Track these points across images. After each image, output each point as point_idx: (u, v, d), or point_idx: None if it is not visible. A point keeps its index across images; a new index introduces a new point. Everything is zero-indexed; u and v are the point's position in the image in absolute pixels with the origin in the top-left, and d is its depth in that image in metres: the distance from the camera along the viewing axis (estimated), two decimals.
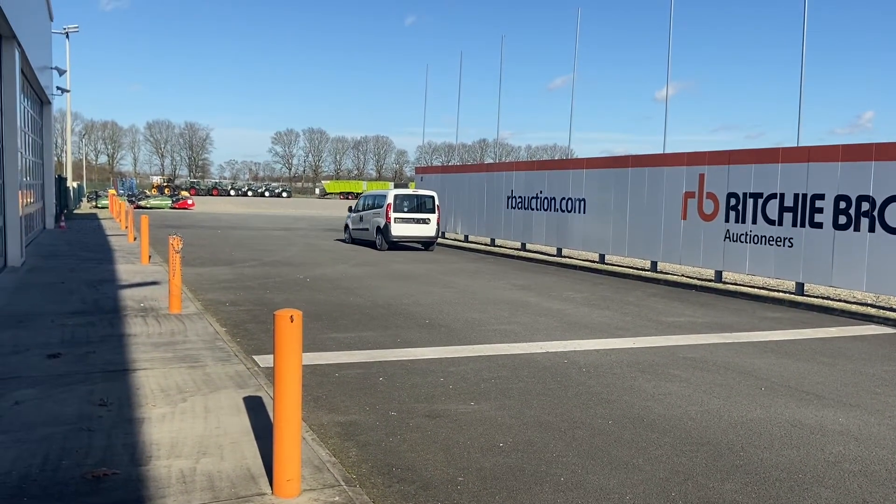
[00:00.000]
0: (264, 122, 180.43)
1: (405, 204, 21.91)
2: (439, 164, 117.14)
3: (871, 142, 12.23)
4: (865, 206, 12.13)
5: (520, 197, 22.04)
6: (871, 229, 12.02)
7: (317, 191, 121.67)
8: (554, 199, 20.40)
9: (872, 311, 11.87)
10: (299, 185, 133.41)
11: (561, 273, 17.38)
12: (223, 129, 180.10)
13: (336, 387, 6.81)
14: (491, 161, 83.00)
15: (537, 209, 21.12)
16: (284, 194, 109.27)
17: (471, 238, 25.53)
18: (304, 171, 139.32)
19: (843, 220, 12.50)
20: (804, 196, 13.16)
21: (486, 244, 24.21)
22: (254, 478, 4.30)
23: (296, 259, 18.90)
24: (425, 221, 21.80)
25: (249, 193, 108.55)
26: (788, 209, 13.47)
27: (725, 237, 14.83)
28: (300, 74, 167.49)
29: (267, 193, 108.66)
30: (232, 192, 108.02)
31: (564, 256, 20.20)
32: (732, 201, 14.69)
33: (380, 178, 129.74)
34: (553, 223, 20.39)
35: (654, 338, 9.62)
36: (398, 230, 21.50)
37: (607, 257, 18.88)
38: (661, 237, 16.49)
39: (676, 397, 6.79)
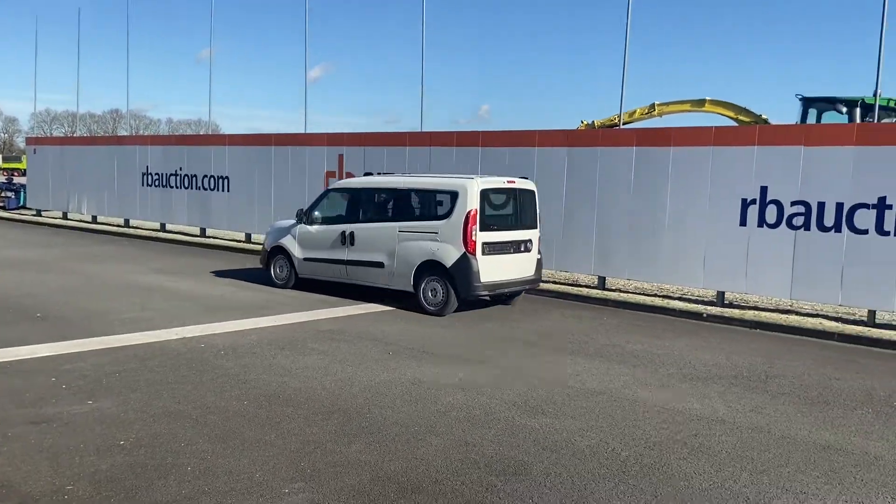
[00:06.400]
0: None
1: (496, 208, 10.60)
2: (61, 134, 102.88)
3: (479, 130, 14.09)
4: None
5: (157, 174, 20.47)
6: None
7: None
8: (195, 176, 19.40)
9: None
10: None
11: (205, 254, 16.67)
12: None
13: None
14: (125, 134, 75.60)
15: (177, 187, 19.88)
16: None
17: (100, 219, 22.99)
18: None
19: None
20: None
21: (119, 225, 22.04)
22: None
23: None
24: (526, 247, 10.63)
25: None
26: None
27: None
28: None
29: None
30: None
31: (209, 237, 19.40)
32: None
33: None
34: (195, 202, 19.41)
35: (298, 314, 9.79)
36: (489, 269, 9.97)
37: (254, 237, 18.65)
38: None
39: (313, 370, 7.01)
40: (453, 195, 10.02)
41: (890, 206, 9.46)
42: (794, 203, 10.19)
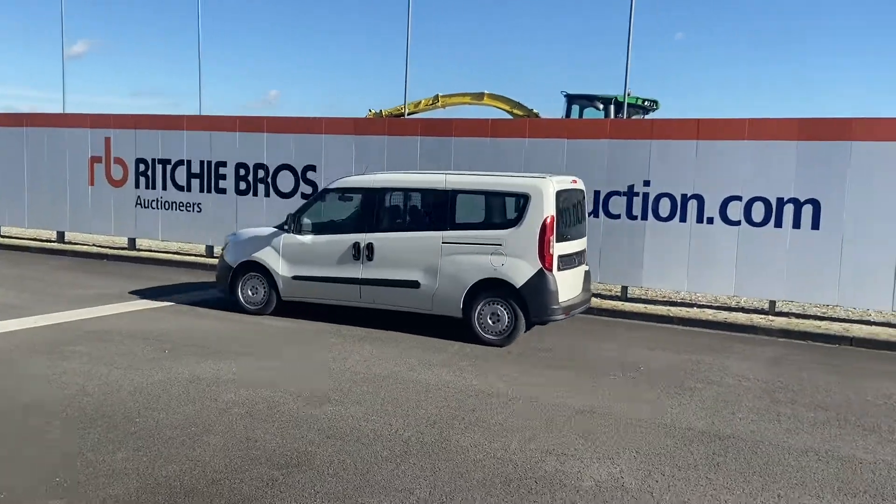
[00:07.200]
0: None
1: (563, 213, 8.51)
2: None
3: (264, 116, 13.63)
4: (261, 173, 13.47)
5: None
6: (267, 194, 13.45)
7: None
8: None
9: None
10: None
11: None
12: None
13: None
14: None
15: None
16: None
17: None
18: None
19: (243, 186, 13.62)
20: (209, 163, 13.84)
21: None
22: None
23: None
24: (582, 259, 9.20)
25: None
26: (196, 175, 13.98)
27: (137, 203, 14.54)
28: None
29: None
30: None
31: None
32: (142, 167, 14.44)
33: None
34: None
35: (58, 314, 8.82)
36: (564, 288, 8.37)
37: (4, 229, 16.47)
38: (68, 205, 15.17)
39: (75, 374, 6.37)
40: (522, 198, 8.11)
41: (637, 194, 10.68)
42: None
